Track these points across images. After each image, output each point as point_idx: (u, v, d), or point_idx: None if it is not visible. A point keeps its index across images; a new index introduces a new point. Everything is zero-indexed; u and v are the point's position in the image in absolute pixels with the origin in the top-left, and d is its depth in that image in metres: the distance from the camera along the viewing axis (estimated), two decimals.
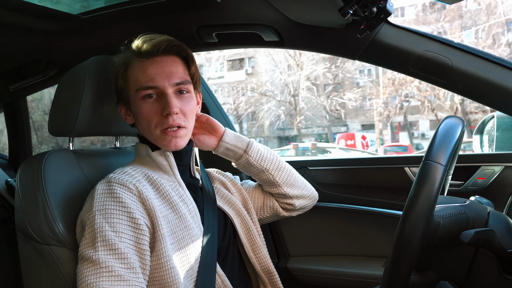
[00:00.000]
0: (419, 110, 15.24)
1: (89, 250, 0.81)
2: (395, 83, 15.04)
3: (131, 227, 0.84)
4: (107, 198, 0.85)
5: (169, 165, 0.97)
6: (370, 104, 16.75)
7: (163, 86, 0.91)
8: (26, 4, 1.16)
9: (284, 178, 1.11)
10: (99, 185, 0.88)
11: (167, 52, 0.93)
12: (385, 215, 1.46)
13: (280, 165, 1.11)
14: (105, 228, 0.82)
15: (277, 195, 1.14)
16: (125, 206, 0.84)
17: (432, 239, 0.74)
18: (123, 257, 0.81)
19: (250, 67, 17.97)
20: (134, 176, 0.91)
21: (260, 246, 1.09)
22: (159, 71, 0.91)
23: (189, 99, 0.95)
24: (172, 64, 0.93)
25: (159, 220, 0.86)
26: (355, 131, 16.96)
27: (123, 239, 0.82)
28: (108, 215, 0.83)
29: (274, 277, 1.09)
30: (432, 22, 14.47)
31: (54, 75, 1.53)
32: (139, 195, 0.87)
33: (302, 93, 16.31)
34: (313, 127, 17.61)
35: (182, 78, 0.94)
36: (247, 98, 17.26)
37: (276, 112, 16.83)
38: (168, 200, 0.92)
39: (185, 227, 0.91)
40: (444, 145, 0.70)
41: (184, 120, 0.93)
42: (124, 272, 0.79)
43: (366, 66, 16.04)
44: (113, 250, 0.80)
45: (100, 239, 0.81)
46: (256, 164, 1.08)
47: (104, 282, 0.78)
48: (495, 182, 1.34)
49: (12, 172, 1.89)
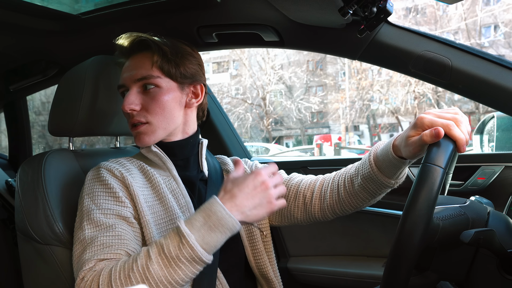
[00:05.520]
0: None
1: (78, 232, 0.83)
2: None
3: (117, 205, 0.86)
4: (95, 182, 0.89)
5: (161, 161, 0.97)
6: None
7: (128, 83, 0.95)
8: (26, 4, 1.16)
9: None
10: (90, 172, 0.92)
11: (136, 50, 0.96)
12: (385, 215, 1.46)
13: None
14: (91, 208, 0.84)
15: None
16: (110, 187, 0.87)
17: (431, 241, 0.74)
18: (108, 227, 0.82)
19: (234, 70, 18.36)
20: (125, 165, 0.93)
21: (261, 252, 1.04)
22: (128, 69, 0.95)
23: (156, 94, 0.93)
24: (140, 60, 0.95)
25: (142, 206, 0.87)
26: (336, 132, 17.59)
27: (108, 215, 0.84)
28: (95, 197, 0.86)
29: (273, 284, 1.05)
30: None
31: (54, 75, 1.53)
32: (123, 180, 0.89)
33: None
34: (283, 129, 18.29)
35: (145, 73, 0.93)
36: (230, 100, 17.69)
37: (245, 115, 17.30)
38: (158, 191, 0.92)
39: (171, 220, 0.90)
40: (444, 147, 0.70)
41: (146, 116, 0.93)
42: (107, 240, 0.80)
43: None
44: (98, 226, 0.82)
45: (86, 218, 0.83)
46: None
47: (87, 253, 0.78)
48: (495, 182, 1.34)
49: (12, 172, 1.90)
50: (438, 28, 15.48)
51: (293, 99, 18.08)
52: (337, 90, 18.85)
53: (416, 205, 0.66)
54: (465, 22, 14.76)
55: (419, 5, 16.32)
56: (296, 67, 18.04)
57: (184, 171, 1.00)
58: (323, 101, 18.91)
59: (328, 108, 19.26)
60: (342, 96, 17.82)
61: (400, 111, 16.35)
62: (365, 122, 18.56)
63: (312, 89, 19.51)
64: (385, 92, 16.42)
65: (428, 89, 15.43)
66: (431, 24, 15.83)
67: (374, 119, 18.63)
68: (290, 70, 17.84)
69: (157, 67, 0.93)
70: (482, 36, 15.40)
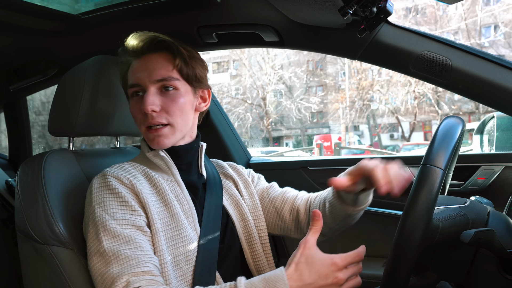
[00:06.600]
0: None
1: (95, 243, 0.82)
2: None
3: (131, 215, 0.85)
4: (104, 190, 0.87)
5: (166, 165, 0.96)
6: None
7: (144, 84, 0.91)
8: (26, 4, 1.16)
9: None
10: (95, 180, 0.90)
11: (153, 50, 0.93)
12: (385, 215, 1.46)
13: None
14: (105, 218, 0.83)
15: None
16: (121, 197, 0.86)
17: (431, 242, 0.74)
18: (128, 240, 0.81)
19: (234, 70, 18.41)
20: (130, 171, 0.92)
21: (260, 255, 1.04)
22: (142, 68, 0.92)
23: (175, 96, 0.92)
24: (157, 61, 0.92)
25: (153, 214, 0.87)
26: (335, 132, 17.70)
27: (124, 226, 0.83)
28: (107, 206, 0.85)
29: None
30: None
31: (54, 75, 1.53)
32: (132, 188, 0.88)
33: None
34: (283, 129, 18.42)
35: (165, 74, 0.91)
36: (230, 100, 17.74)
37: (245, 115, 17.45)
38: (163, 198, 0.91)
39: (177, 227, 0.90)
40: (443, 148, 0.69)
41: (167, 118, 0.91)
42: (130, 252, 0.80)
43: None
44: (116, 236, 0.81)
45: (102, 230, 0.82)
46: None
47: (114, 268, 0.78)
48: (495, 182, 1.34)
49: (12, 172, 1.89)
50: (438, 28, 15.50)
51: (293, 99, 18.12)
52: (337, 90, 18.87)
53: (416, 207, 0.66)
54: (465, 22, 14.78)
55: (419, 5, 16.34)
56: (296, 67, 18.05)
57: (186, 175, 0.99)
58: (323, 101, 18.94)
59: (328, 108, 19.29)
60: (342, 96, 17.85)
61: (400, 111, 16.42)
62: (365, 122, 18.60)
63: (312, 89, 19.53)
64: (385, 92, 16.47)
65: (428, 89, 15.44)
66: (431, 24, 15.85)
67: (374, 119, 18.67)
68: (290, 70, 17.87)
69: (177, 69, 0.93)
70: (482, 36, 15.42)
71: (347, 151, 11.73)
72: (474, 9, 14.73)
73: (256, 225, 1.07)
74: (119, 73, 1.00)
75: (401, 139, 17.78)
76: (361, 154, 9.53)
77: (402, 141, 17.29)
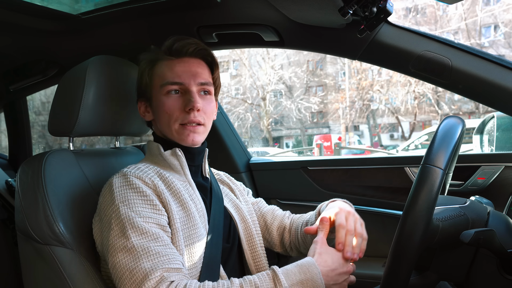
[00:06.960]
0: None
1: (121, 240, 0.82)
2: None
3: (155, 213, 0.87)
4: (127, 189, 0.88)
5: (180, 165, 0.99)
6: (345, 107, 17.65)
7: (189, 83, 0.96)
8: (26, 4, 1.16)
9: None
10: (115, 179, 0.90)
11: (194, 55, 0.99)
12: (386, 215, 1.46)
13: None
14: (131, 215, 0.84)
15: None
16: (145, 195, 0.88)
17: (431, 242, 0.74)
18: (156, 237, 0.83)
19: (234, 70, 18.42)
20: (147, 172, 0.93)
21: (260, 255, 1.08)
22: (186, 69, 0.97)
23: (210, 100, 1.01)
24: (199, 65, 0.99)
25: (173, 214, 0.89)
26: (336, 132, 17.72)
27: (150, 223, 0.85)
28: (132, 204, 0.86)
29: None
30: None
31: (54, 75, 1.53)
32: (154, 189, 0.90)
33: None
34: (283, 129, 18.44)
35: (206, 79, 0.99)
36: (230, 100, 17.76)
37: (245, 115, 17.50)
38: (179, 198, 0.93)
39: (193, 226, 0.93)
40: (443, 148, 0.69)
41: (204, 118, 0.97)
42: (161, 249, 0.81)
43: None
44: (144, 233, 0.82)
45: (130, 227, 0.83)
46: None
47: (145, 262, 0.79)
48: (495, 182, 1.34)
49: (12, 172, 1.89)
50: (438, 28, 15.50)
51: (293, 99, 18.12)
52: (337, 90, 18.87)
53: (416, 207, 0.66)
54: (465, 22, 14.77)
55: (419, 5, 16.33)
56: (296, 67, 18.05)
57: (195, 177, 1.03)
58: (323, 101, 18.93)
59: (328, 108, 19.29)
60: (342, 96, 17.86)
61: (400, 111, 16.42)
62: (365, 122, 18.61)
63: (312, 89, 19.52)
64: (385, 92, 16.48)
65: (428, 89, 15.44)
66: (431, 24, 15.84)
67: (374, 119, 18.68)
68: (290, 70, 17.86)
69: (213, 77, 1.02)
70: (482, 36, 15.42)
71: (347, 151, 11.76)
72: (474, 9, 14.73)
73: (255, 228, 1.11)
74: (140, 70, 1.02)
75: (401, 139, 17.80)
76: (361, 154, 9.58)
77: (402, 141, 17.30)
